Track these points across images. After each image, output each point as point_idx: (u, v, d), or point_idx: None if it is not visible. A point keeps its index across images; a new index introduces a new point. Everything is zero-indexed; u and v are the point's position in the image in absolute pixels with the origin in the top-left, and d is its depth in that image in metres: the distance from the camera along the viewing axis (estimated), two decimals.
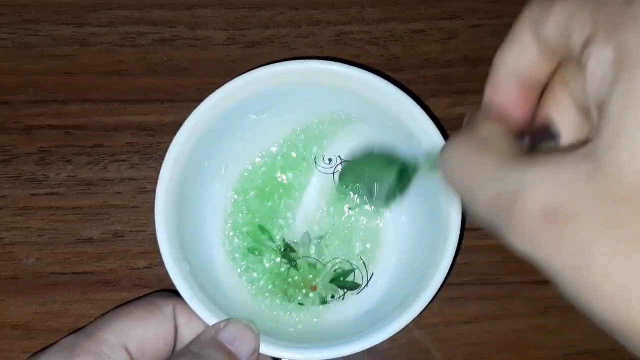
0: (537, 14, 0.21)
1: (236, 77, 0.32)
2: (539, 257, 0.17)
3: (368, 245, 0.37)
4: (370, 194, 0.31)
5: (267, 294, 0.35)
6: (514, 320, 0.38)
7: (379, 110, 0.33)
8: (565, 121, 0.22)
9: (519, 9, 0.45)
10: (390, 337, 0.30)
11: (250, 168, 0.37)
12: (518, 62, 0.22)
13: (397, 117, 0.32)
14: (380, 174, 0.31)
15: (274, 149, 0.37)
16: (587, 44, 0.18)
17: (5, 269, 0.37)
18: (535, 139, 0.22)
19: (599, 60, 0.18)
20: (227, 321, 0.30)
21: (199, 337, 0.30)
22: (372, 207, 0.36)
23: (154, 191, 0.38)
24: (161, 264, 0.37)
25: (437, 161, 0.22)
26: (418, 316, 0.30)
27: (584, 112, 0.22)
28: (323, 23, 0.41)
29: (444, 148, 0.22)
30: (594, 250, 0.16)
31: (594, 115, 0.18)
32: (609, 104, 0.17)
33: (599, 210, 0.16)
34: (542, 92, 0.23)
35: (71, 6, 0.41)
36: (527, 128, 0.23)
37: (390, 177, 0.30)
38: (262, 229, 0.37)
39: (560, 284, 0.17)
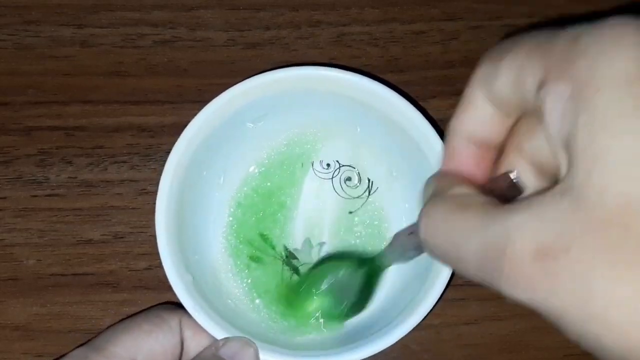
0: (486, 72, 0.21)
1: (236, 78, 0.32)
2: (538, 299, 0.17)
3: (370, 249, 0.37)
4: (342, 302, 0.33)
5: (270, 302, 0.35)
6: (514, 321, 0.38)
7: (376, 113, 0.33)
8: (527, 174, 0.22)
9: (519, 10, 0.45)
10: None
11: (248, 176, 0.37)
12: (473, 126, 0.22)
13: (394, 120, 0.32)
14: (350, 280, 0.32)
15: (271, 156, 0.37)
16: (540, 87, 0.18)
17: (5, 270, 0.37)
18: (501, 196, 0.22)
19: (555, 97, 0.18)
20: (227, 339, 0.30)
21: (199, 354, 0.30)
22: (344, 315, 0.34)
23: (154, 192, 0.38)
24: (161, 265, 0.37)
25: (418, 230, 0.22)
26: (424, 318, 0.30)
27: (538, 167, 0.22)
28: (323, 24, 0.41)
29: (421, 216, 0.22)
30: (592, 280, 0.16)
31: (560, 153, 0.18)
32: (576, 135, 0.17)
33: (588, 239, 0.16)
34: (499, 148, 0.23)
35: (71, 7, 0.41)
36: (488, 185, 0.23)
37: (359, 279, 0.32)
38: (263, 237, 0.37)
39: (565, 323, 0.17)
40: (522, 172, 0.22)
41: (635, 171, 0.15)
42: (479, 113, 0.22)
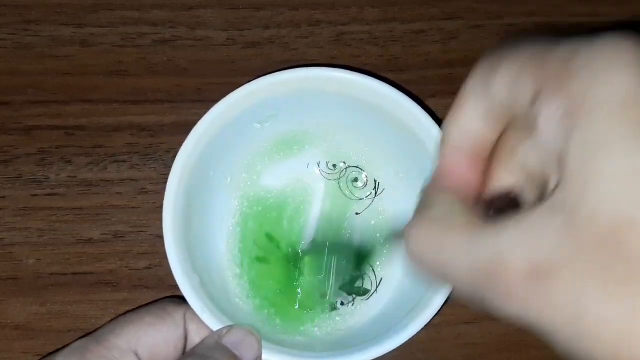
0: (486, 73, 0.21)
1: (235, 77, 0.32)
2: (530, 317, 0.17)
3: (375, 250, 0.36)
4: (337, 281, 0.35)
5: (276, 303, 0.35)
6: None
7: (383, 114, 0.33)
8: (525, 186, 0.22)
9: (519, 9, 0.45)
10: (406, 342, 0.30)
11: (254, 177, 0.37)
12: (466, 129, 0.22)
13: (401, 121, 0.32)
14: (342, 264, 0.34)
15: (277, 157, 0.37)
16: (534, 100, 0.19)
17: (5, 270, 0.37)
18: (498, 209, 0.22)
19: (550, 113, 0.18)
20: (230, 327, 0.30)
21: (203, 341, 0.30)
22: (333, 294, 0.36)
23: (154, 192, 0.38)
24: (161, 264, 0.37)
25: (404, 249, 0.22)
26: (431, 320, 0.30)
27: (530, 176, 0.22)
28: (323, 23, 0.41)
29: (406, 235, 0.22)
30: (583, 299, 0.16)
31: (551, 166, 0.18)
32: (569, 154, 0.17)
33: (580, 259, 0.16)
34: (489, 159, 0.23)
35: (71, 6, 0.41)
36: (483, 197, 0.23)
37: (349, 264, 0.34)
38: (269, 237, 0.36)
39: (557, 339, 0.17)
40: (520, 184, 0.22)
41: (627, 193, 0.16)
42: (473, 115, 0.22)
